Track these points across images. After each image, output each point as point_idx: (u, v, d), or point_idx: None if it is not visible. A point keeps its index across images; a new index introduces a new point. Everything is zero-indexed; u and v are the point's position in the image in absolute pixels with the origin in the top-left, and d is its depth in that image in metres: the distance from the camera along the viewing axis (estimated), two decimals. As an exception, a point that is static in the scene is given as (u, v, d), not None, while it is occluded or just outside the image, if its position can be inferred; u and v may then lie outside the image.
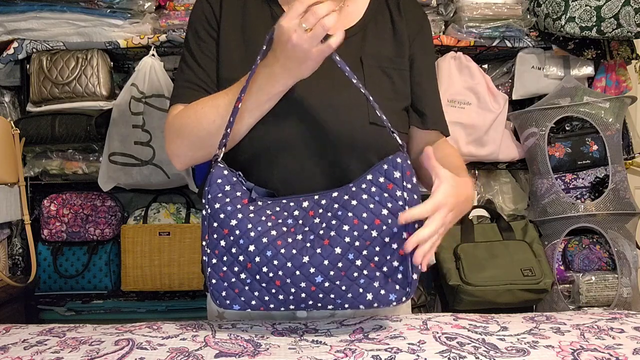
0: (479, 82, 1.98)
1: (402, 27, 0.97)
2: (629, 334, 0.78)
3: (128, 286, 1.92)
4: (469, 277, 1.76)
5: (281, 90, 0.82)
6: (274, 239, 0.75)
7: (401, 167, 0.76)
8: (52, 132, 1.85)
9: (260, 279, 0.76)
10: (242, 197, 0.79)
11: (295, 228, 0.77)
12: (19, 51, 1.89)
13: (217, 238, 0.77)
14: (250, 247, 0.75)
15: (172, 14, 1.90)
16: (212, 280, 0.78)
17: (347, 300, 0.76)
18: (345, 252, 0.74)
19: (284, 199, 0.81)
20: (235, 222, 0.76)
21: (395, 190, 0.75)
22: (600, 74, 2.06)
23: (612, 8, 1.79)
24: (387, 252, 0.75)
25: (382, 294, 0.75)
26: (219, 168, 0.80)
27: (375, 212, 0.75)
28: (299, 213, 0.79)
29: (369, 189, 0.76)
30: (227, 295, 0.78)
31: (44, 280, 1.95)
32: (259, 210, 0.78)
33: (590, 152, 1.97)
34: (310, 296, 0.75)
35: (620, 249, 1.91)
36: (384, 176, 0.76)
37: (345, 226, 0.75)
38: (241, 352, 0.71)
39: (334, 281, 0.74)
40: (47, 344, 0.75)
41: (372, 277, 0.75)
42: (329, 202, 0.78)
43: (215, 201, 0.78)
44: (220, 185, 0.79)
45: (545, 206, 1.95)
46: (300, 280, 0.74)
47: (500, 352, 0.70)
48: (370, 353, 0.70)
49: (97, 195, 1.99)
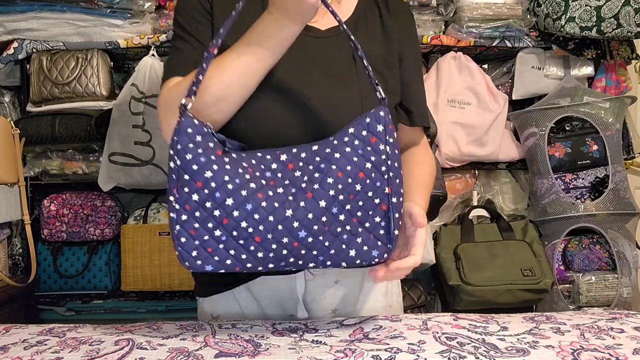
0: (479, 82, 1.98)
1: (390, 25, 0.96)
2: (629, 334, 0.78)
3: (128, 286, 1.92)
4: (469, 277, 1.76)
5: (289, 36, 0.77)
6: (254, 191, 0.70)
7: (384, 120, 0.75)
8: (52, 132, 1.85)
9: (237, 235, 0.70)
10: (216, 148, 0.72)
11: (275, 181, 0.73)
12: (19, 51, 1.89)
13: (188, 192, 0.70)
14: (227, 200, 0.69)
15: (172, 14, 1.90)
16: (181, 239, 0.71)
17: (330, 256, 0.74)
18: (330, 205, 0.72)
19: (258, 152, 0.76)
20: (210, 173, 0.70)
21: (378, 144, 0.74)
22: (600, 74, 2.06)
23: (612, 8, 1.79)
24: (369, 207, 0.73)
25: (365, 250, 0.74)
26: (188, 117, 0.72)
27: (359, 165, 0.73)
28: (277, 166, 0.74)
29: (352, 142, 0.74)
30: (198, 255, 0.71)
31: (44, 280, 1.95)
32: (235, 162, 0.72)
33: (590, 152, 1.97)
34: (291, 253, 0.72)
35: (620, 249, 1.91)
36: (366, 129, 0.74)
37: (330, 179, 0.72)
38: (241, 352, 0.71)
39: (318, 236, 0.71)
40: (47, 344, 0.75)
41: (355, 232, 0.74)
42: (310, 155, 0.75)
43: (186, 151, 0.70)
44: (191, 135, 0.71)
45: (545, 206, 1.95)
46: (282, 235, 0.70)
47: (500, 352, 0.70)
48: (370, 353, 0.70)
49: (97, 195, 1.99)
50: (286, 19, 0.75)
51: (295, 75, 0.85)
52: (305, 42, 0.87)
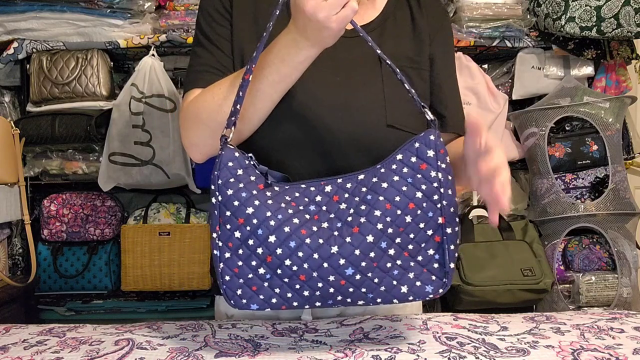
0: (479, 82, 1.98)
1: (422, 24, 0.91)
2: (629, 334, 0.78)
3: (128, 286, 1.92)
4: (469, 277, 1.76)
5: (305, 60, 0.74)
6: (297, 227, 0.67)
7: (434, 144, 0.69)
8: (52, 132, 1.85)
9: (282, 273, 0.68)
10: (257, 182, 0.70)
11: (319, 215, 0.70)
12: (19, 51, 1.89)
13: (230, 229, 0.68)
14: (270, 237, 0.67)
15: (172, 14, 1.90)
16: (226, 277, 0.69)
17: (380, 294, 0.69)
18: (378, 240, 0.67)
19: (302, 184, 0.72)
20: (251, 209, 0.68)
21: (429, 171, 0.69)
22: (600, 74, 2.06)
23: (612, 8, 1.79)
24: (422, 240, 0.69)
25: (418, 286, 0.69)
26: (229, 150, 0.70)
27: (408, 195, 0.68)
28: (322, 198, 0.71)
29: (400, 170, 0.69)
30: (243, 293, 0.69)
31: (44, 280, 1.95)
32: (277, 196, 0.70)
33: (590, 152, 1.97)
34: (339, 291, 0.68)
35: (620, 249, 1.91)
36: (416, 155, 0.69)
37: (377, 211, 0.68)
38: (241, 352, 0.71)
39: (366, 273, 0.67)
40: (47, 344, 0.75)
41: (407, 267, 0.69)
42: (356, 185, 0.71)
43: (227, 187, 0.68)
44: (232, 169, 0.69)
45: (545, 206, 1.95)
46: (328, 273, 0.67)
47: (500, 352, 0.70)
48: (370, 353, 0.70)
49: (97, 195, 1.99)
50: (305, 41, 0.72)
51: (316, 75, 0.81)
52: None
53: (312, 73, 0.81)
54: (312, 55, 0.74)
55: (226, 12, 0.87)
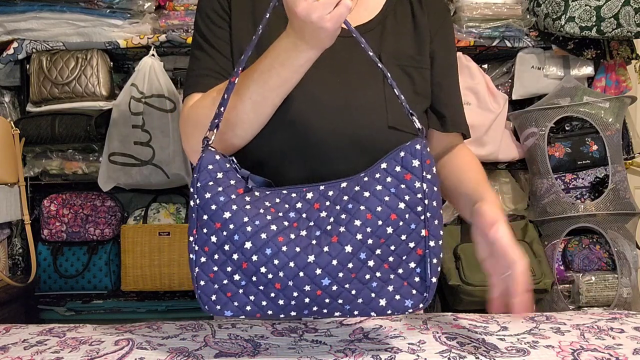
0: (479, 82, 1.98)
1: (423, 22, 0.89)
2: (629, 334, 0.78)
3: (128, 286, 1.92)
4: (468, 277, 1.76)
5: (305, 63, 0.73)
6: (274, 234, 0.66)
7: (420, 154, 0.67)
8: (52, 132, 1.85)
9: (257, 280, 0.67)
10: (237, 186, 0.69)
11: (299, 223, 0.68)
12: (19, 51, 1.89)
13: (207, 233, 0.67)
14: (246, 243, 0.66)
15: (171, 14, 1.90)
16: (200, 282, 0.68)
17: (357, 306, 0.68)
18: (357, 250, 0.66)
19: (284, 190, 0.71)
20: (229, 214, 0.66)
21: (413, 182, 0.67)
22: (600, 74, 2.06)
23: (612, 8, 1.79)
24: (403, 252, 0.67)
25: (397, 300, 0.67)
26: (210, 152, 0.69)
27: (391, 206, 0.66)
28: (302, 205, 0.69)
29: (383, 180, 0.67)
30: (217, 299, 0.68)
31: (44, 280, 1.95)
32: (257, 201, 0.69)
33: (590, 152, 1.97)
34: (314, 301, 0.67)
35: (620, 249, 1.91)
36: (400, 165, 0.67)
37: (357, 221, 0.66)
38: (241, 352, 0.71)
39: (343, 284, 0.66)
40: (47, 344, 0.75)
41: (386, 280, 0.67)
42: (337, 193, 0.69)
43: (205, 190, 0.67)
44: (212, 172, 0.68)
45: (545, 206, 1.95)
46: (304, 283, 0.65)
47: (500, 352, 0.70)
48: (370, 353, 0.70)
49: (97, 195, 1.99)
50: (303, 44, 0.70)
51: (315, 76, 0.80)
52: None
53: (311, 74, 0.80)
54: (312, 57, 0.73)
55: (225, 13, 0.86)
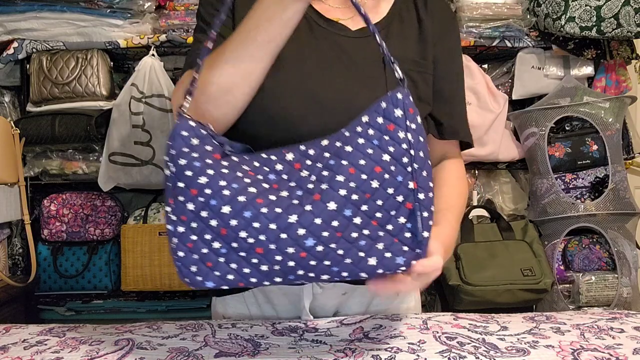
0: (479, 82, 1.98)
1: (427, 26, 0.88)
2: (629, 334, 0.78)
3: (128, 286, 1.92)
4: (469, 277, 1.76)
5: (293, 15, 0.70)
6: (253, 197, 0.62)
7: (402, 104, 0.64)
8: (52, 132, 1.85)
9: (238, 247, 0.63)
10: (214, 151, 0.66)
11: (279, 184, 0.65)
12: (19, 51, 1.89)
13: (183, 201, 0.64)
14: (224, 208, 0.62)
15: (172, 14, 1.90)
16: (179, 253, 0.65)
17: (346, 267, 0.63)
18: (342, 207, 0.61)
19: (263, 153, 0.68)
20: (205, 179, 0.63)
21: (397, 132, 0.63)
22: (600, 74, 2.06)
23: (612, 8, 1.79)
24: (391, 207, 0.63)
25: (388, 258, 0.63)
26: (184, 119, 0.66)
27: (374, 159, 0.62)
28: (283, 167, 0.66)
29: (365, 133, 0.64)
30: (198, 270, 0.65)
31: (44, 280, 1.95)
32: (234, 165, 0.65)
33: (590, 152, 1.97)
34: (299, 264, 0.62)
35: (620, 249, 1.91)
36: (382, 116, 0.64)
37: (340, 177, 0.62)
38: (241, 352, 0.71)
39: (329, 244, 0.62)
40: (47, 344, 0.75)
41: (375, 237, 0.63)
42: (319, 151, 0.66)
43: (180, 157, 0.64)
44: (186, 138, 0.65)
45: (545, 206, 1.95)
46: (286, 245, 0.61)
47: (500, 352, 0.70)
48: (370, 353, 0.70)
49: (97, 195, 1.99)
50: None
51: (317, 75, 0.80)
52: (334, 41, 0.83)
53: (313, 73, 0.80)
54: (299, 9, 0.70)
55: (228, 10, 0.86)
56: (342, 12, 0.86)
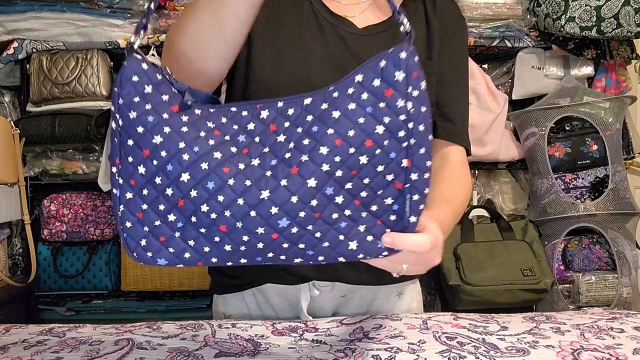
0: (479, 82, 1.98)
1: (434, 28, 0.87)
2: (629, 334, 0.78)
3: (128, 286, 1.92)
4: (468, 277, 1.76)
5: None
6: (219, 164, 0.53)
7: (405, 65, 0.53)
8: (52, 132, 1.85)
9: (197, 222, 0.54)
10: (171, 102, 0.55)
11: (250, 148, 0.55)
12: (19, 51, 1.89)
13: (133, 162, 0.54)
14: (182, 175, 0.53)
15: (172, 14, 1.91)
16: (127, 224, 0.56)
17: (322, 251, 0.56)
18: (323, 185, 0.53)
19: (232, 107, 0.57)
20: (160, 138, 0.53)
21: (395, 99, 0.53)
22: (600, 74, 2.06)
23: (612, 8, 1.79)
24: (378, 186, 0.54)
25: (369, 242, 0.56)
26: (134, 60, 0.55)
27: (366, 130, 0.53)
28: (255, 127, 0.56)
29: (358, 96, 0.53)
30: (148, 244, 0.56)
31: (44, 280, 1.95)
32: (197, 121, 0.55)
33: (590, 152, 1.97)
34: (269, 247, 0.55)
35: (620, 248, 1.91)
36: (380, 77, 0.53)
37: (323, 148, 0.53)
38: (241, 352, 0.71)
39: (305, 226, 0.54)
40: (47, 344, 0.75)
41: (356, 218, 0.55)
42: (299, 112, 0.56)
43: (129, 108, 0.54)
44: (138, 84, 0.54)
45: (545, 206, 1.95)
46: (256, 224, 0.53)
47: (500, 351, 0.70)
48: (371, 352, 0.70)
49: (97, 195, 1.99)
50: None
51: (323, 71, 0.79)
52: (340, 37, 0.82)
53: (318, 69, 0.80)
54: None
55: None
56: (351, 10, 0.86)
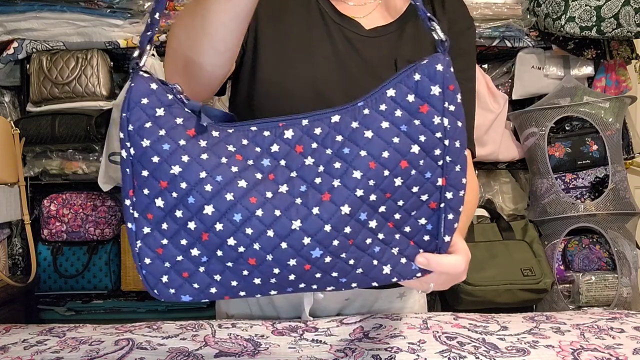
0: (479, 82, 1.98)
1: (443, 28, 0.83)
2: (629, 333, 0.78)
3: (128, 286, 1.92)
4: (469, 277, 1.76)
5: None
6: (244, 193, 0.49)
7: (442, 77, 0.50)
8: (52, 132, 1.85)
9: (224, 255, 0.50)
10: (186, 125, 0.50)
11: (276, 174, 0.51)
12: (19, 51, 1.89)
13: (149, 195, 0.49)
14: (206, 208, 0.48)
15: (172, 14, 1.90)
16: (145, 260, 0.51)
17: (356, 277, 0.53)
18: (356, 211, 0.49)
19: (252, 125, 0.52)
20: (178, 168, 0.48)
21: (431, 116, 0.49)
22: (600, 74, 2.06)
23: (612, 8, 1.79)
24: (412, 207, 0.52)
25: (403, 264, 0.54)
26: (141, 80, 0.50)
27: (401, 150, 0.49)
28: (280, 148, 0.51)
29: (391, 113, 0.50)
30: (170, 281, 0.52)
31: (44, 280, 1.95)
32: (216, 146, 0.50)
33: (590, 152, 1.97)
34: (301, 278, 0.51)
35: (620, 248, 1.91)
36: (414, 92, 0.50)
37: (357, 172, 0.49)
38: (241, 352, 0.71)
39: (338, 254, 0.50)
40: (47, 344, 0.75)
41: (390, 241, 0.53)
42: (328, 131, 0.51)
43: (141, 135, 0.48)
44: (148, 108, 0.49)
45: (545, 206, 1.95)
46: (287, 256, 0.49)
47: (500, 351, 0.70)
48: (371, 352, 0.70)
49: (97, 195, 1.99)
50: None
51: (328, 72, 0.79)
52: (346, 37, 0.82)
53: (323, 69, 0.80)
54: None
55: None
56: (358, 11, 0.86)
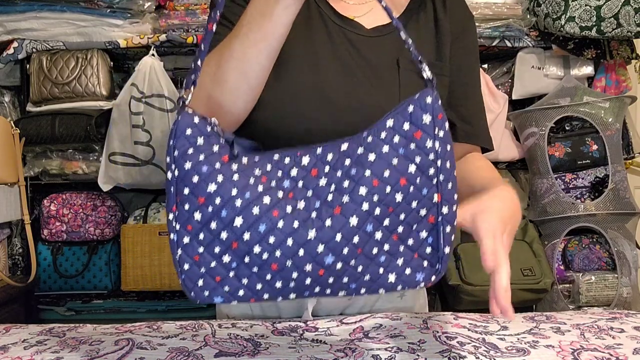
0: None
1: (445, 27, 0.86)
2: (629, 333, 0.78)
3: (128, 286, 1.92)
4: (469, 277, 1.76)
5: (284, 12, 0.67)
6: (268, 208, 0.58)
7: (432, 108, 0.59)
8: (52, 132, 1.85)
9: (250, 262, 0.59)
10: (221, 152, 0.61)
11: (295, 193, 0.60)
12: (19, 51, 1.89)
13: (189, 209, 0.60)
14: (236, 220, 0.58)
15: (172, 13, 1.91)
16: (184, 266, 0.61)
17: (364, 283, 0.61)
18: (363, 223, 0.58)
19: (275, 154, 0.63)
20: (214, 186, 0.59)
21: (424, 140, 0.58)
22: (600, 74, 2.06)
23: (612, 8, 1.79)
24: (413, 221, 0.60)
25: (407, 274, 0.61)
26: (186, 115, 0.60)
27: (400, 170, 0.58)
28: (298, 172, 0.61)
29: (390, 139, 0.59)
30: (205, 284, 0.61)
31: (44, 280, 1.95)
32: (245, 170, 0.61)
33: (590, 152, 1.97)
34: (317, 282, 0.60)
35: (620, 248, 1.91)
36: (409, 121, 0.59)
37: (362, 189, 0.58)
38: (241, 352, 0.71)
39: (348, 261, 0.59)
40: (47, 344, 0.75)
41: (395, 252, 0.61)
42: (338, 157, 0.61)
43: (185, 159, 0.59)
44: (191, 137, 0.60)
45: (545, 206, 1.95)
46: (304, 262, 0.58)
47: (500, 351, 0.70)
48: (371, 352, 0.70)
49: (97, 195, 1.99)
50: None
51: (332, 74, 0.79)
52: (348, 39, 0.81)
53: (326, 72, 0.79)
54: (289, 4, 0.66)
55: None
56: (358, 9, 0.85)
